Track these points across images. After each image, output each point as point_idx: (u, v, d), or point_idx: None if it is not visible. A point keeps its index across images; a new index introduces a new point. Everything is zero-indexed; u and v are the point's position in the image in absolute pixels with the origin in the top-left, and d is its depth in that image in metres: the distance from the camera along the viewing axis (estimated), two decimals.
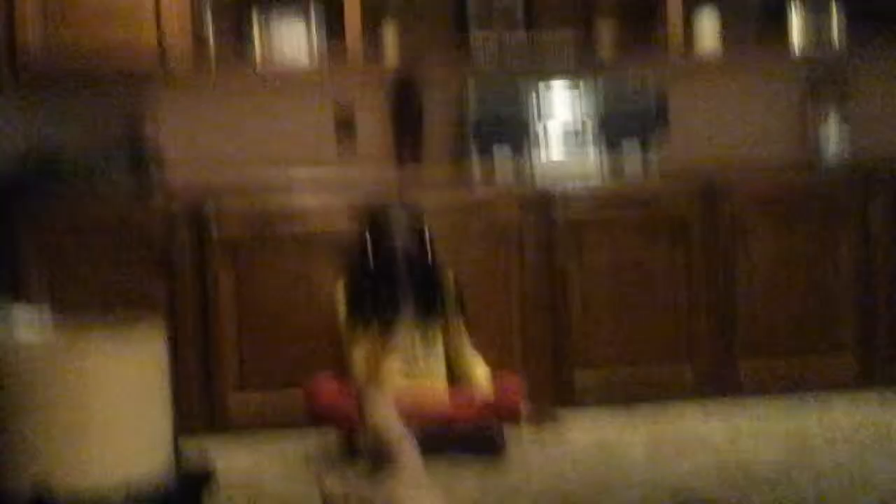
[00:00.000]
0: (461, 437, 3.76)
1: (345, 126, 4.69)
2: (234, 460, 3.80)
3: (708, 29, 4.68)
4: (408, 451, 1.43)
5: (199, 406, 4.18)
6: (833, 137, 4.80)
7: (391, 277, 3.94)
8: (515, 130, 4.51)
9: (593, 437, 4.00)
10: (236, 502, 3.31)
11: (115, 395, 1.36)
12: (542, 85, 4.58)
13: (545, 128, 4.56)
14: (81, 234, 4.18)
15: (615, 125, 4.57)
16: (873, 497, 3.21)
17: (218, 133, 4.64)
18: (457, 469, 3.59)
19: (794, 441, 3.84)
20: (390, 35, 4.58)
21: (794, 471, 3.49)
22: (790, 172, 4.58)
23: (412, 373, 3.95)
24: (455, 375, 4.01)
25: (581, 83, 4.60)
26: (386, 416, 1.44)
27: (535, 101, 4.55)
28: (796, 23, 4.72)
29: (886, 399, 4.38)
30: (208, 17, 4.52)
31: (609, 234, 4.42)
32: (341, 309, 4.00)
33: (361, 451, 1.47)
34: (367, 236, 3.99)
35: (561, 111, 4.57)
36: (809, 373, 4.49)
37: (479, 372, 4.00)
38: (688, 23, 4.65)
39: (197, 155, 4.55)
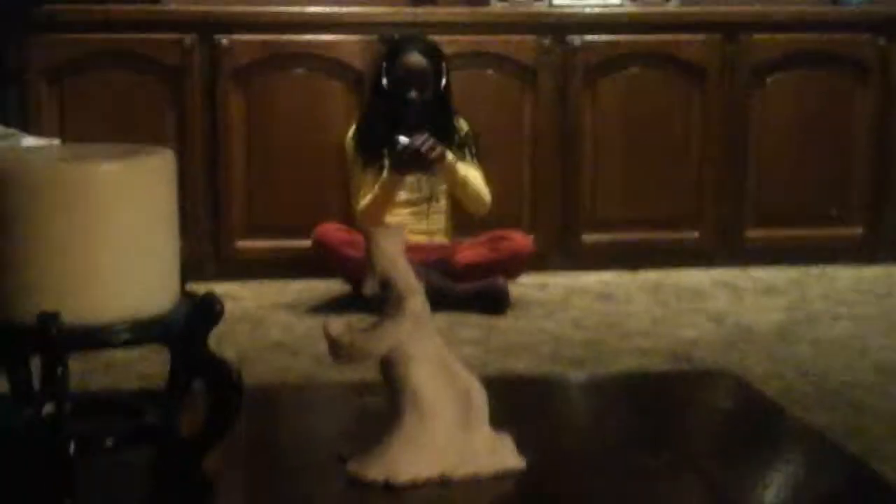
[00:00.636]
0: (464, 293, 3.79)
1: None
2: (239, 303, 3.83)
3: None
4: (414, 298, 1.43)
5: (206, 251, 4.19)
6: None
7: (404, 112, 3.91)
8: None
9: (597, 299, 4.02)
10: (241, 342, 3.36)
11: (124, 225, 1.34)
12: None
13: None
14: (91, 62, 4.13)
15: None
16: (870, 367, 3.24)
17: None
18: (459, 325, 3.62)
19: (797, 311, 3.86)
20: None
21: (794, 339, 3.51)
22: (811, 24, 4.49)
23: (418, 217, 3.96)
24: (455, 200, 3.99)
25: None
26: (394, 261, 1.43)
27: None
28: None
29: (891, 273, 4.39)
30: None
31: (625, 79, 4.38)
32: (352, 151, 3.99)
33: (367, 297, 1.47)
34: (383, 68, 3.95)
35: None
36: (816, 243, 4.50)
37: (473, 173, 3.93)
38: None
39: None
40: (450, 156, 3.85)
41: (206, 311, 1.39)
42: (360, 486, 1.37)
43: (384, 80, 3.95)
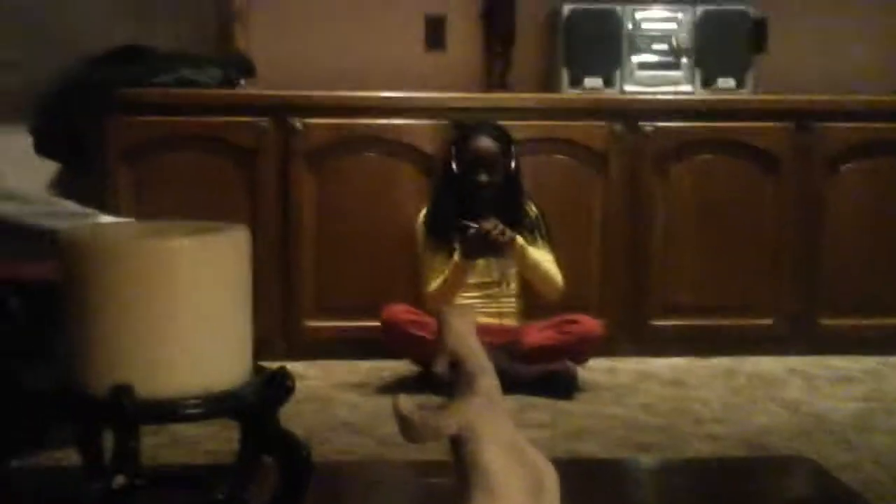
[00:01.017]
0: (532, 376, 3.76)
1: (435, 47, 4.66)
2: (307, 382, 3.83)
3: None
4: (485, 378, 1.41)
5: (276, 329, 4.21)
6: None
7: (474, 196, 3.93)
8: (608, 60, 4.42)
9: (668, 384, 3.97)
10: (308, 421, 3.36)
11: (199, 300, 1.35)
12: (637, 13, 4.44)
13: (638, 58, 4.44)
14: (168, 143, 4.20)
15: (711, 56, 4.44)
16: None
17: (307, 52, 4.62)
18: (527, 408, 3.58)
19: (873, 400, 3.77)
20: None
21: (870, 429, 3.43)
22: (889, 115, 4.44)
23: (488, 300, 3.95)
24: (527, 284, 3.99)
25: (678, 12, 4.45)
26: (465, 340, 1.42)
27: (629, 30, 4.43)
28: None
29: None
30: None
31: (697, 166, 4.36)
32: (422, 234, 4.01)
33: (437, 375, 1.46)
34: (453, 152, 3.99)
35: (655, 42, 4.45)
36: (892, 332, 4.42)
37: (544, 256, 3.95)
38: None
39: (286, 71, 4.54)
40: (520, 240, 3.86)
41: (277, 387, 1.40)
42: None
43: (454, 164, 3.98)
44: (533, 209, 4.04)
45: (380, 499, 1.68)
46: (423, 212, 4.07)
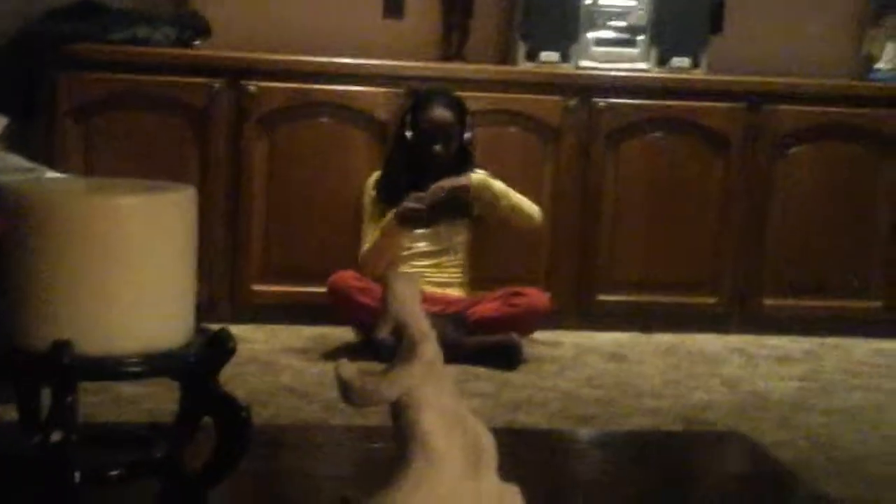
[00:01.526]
0: (478, 347, 3.77)
1: (393, 15, 4.64)
2: (252, 346, 3.83)
3: None
4: (427, 344, 1.42)
5: (222, 293, 4.19)
6: (889, 63, 4.68)
7: (427, 165, 3.94)
8: (564, 35, 4.41)
9: (611, 358, 4.00)
10: (251, 384, 3.36)
11: (142, 258, 1.34)
12: None
13: (595, 34, 4.44)
14: (119, 102, 4.16)
15: (667, 34, 4.44)
16: (883, 439, 3.21)
17: (264, 15, 4.57)
18: (471, 378, 3.60)
19: (811, 380, 3.83)
20: None
21: (807, 408, 3.48)
22: (840, 99, 4.49)
23: (435, 270, 3.97)
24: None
25: None
26: (408, 307, 1.43)
27: (587, 5, 4.42)
28: None
29: None
30: None
31: (648, 143, 4.38)
32: (369, 197, 4.01)
33: (379, 340, 1.47)
34: (408, 120, 3.99)
35: (613, 18, 4.44)
36: (833, 314, 4.48)
37: (498, 184, 3.98)
38: None
39: (241, 33, 4.49)
40: (478, 175, 3.89)
41: (218, 347, 1.40)
42: None
43: (408, 132, 3.98)
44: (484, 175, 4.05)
45: (320, 461, 1.69)
46: (374, 176, 4.07)
